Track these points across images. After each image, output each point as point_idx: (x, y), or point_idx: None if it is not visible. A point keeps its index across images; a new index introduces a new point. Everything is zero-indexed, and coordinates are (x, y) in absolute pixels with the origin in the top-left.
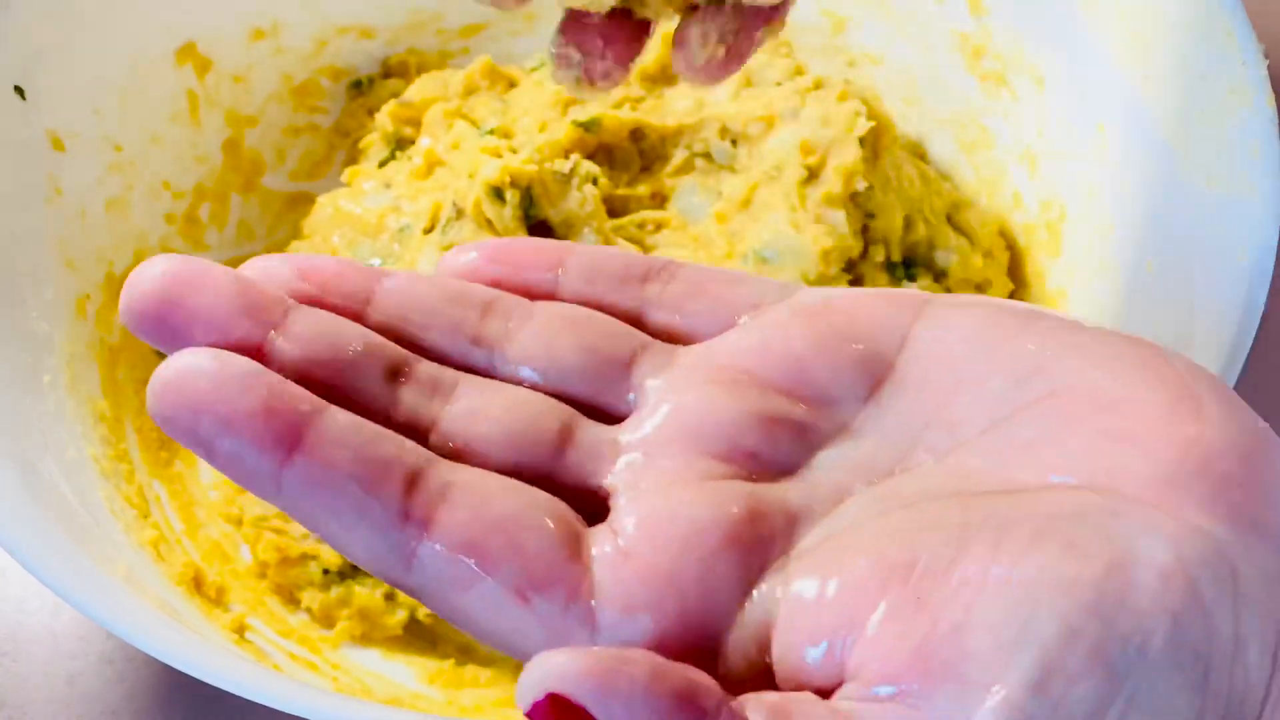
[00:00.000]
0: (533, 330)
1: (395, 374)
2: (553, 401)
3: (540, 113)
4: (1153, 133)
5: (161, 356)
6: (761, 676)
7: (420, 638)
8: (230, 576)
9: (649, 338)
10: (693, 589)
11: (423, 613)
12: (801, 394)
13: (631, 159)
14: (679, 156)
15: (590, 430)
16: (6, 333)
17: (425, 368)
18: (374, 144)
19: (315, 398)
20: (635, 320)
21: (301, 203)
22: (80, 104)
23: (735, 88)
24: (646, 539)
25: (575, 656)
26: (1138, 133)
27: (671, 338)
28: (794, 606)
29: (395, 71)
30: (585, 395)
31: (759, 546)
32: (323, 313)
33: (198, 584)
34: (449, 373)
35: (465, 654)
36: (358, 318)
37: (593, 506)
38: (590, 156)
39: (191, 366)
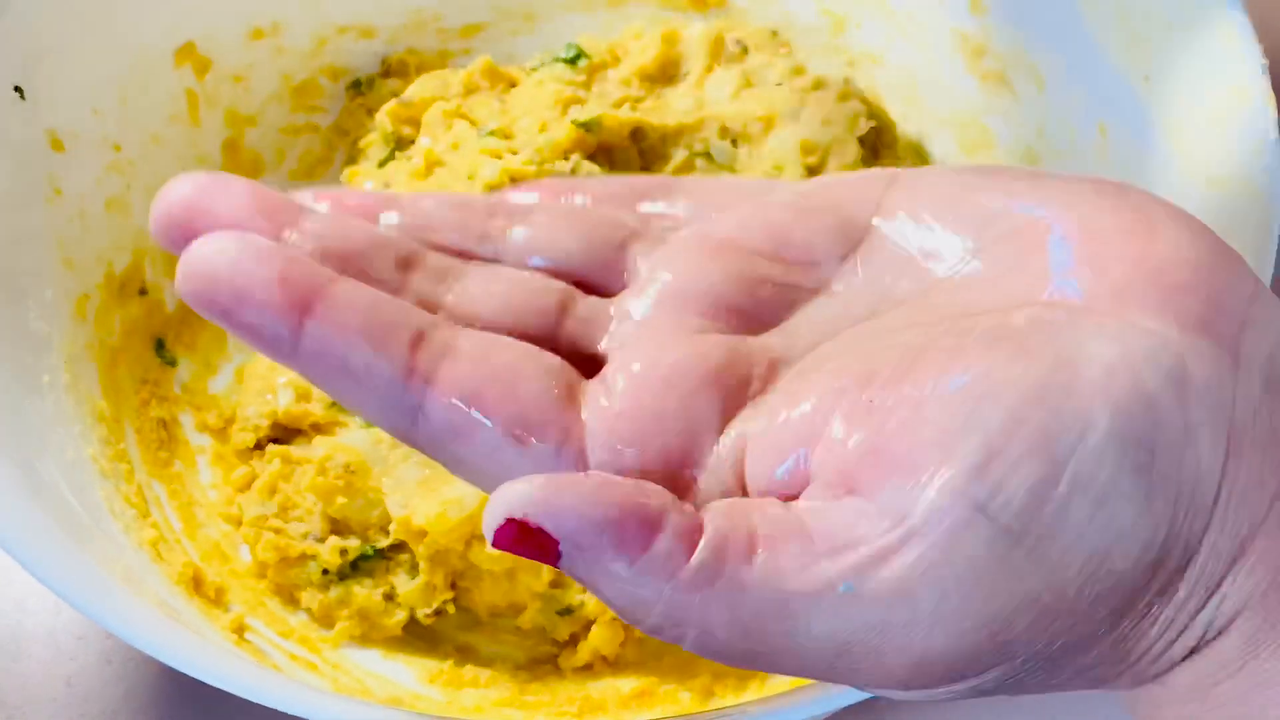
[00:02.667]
0: (534, 223)
1: (406, 264)
2: (553, 281)
3: (540, 113)
4: (1153, 133)
5: (162, 360)
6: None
7: (420, 638)
8: (229, 576)
9: (643, 226)
10: (672, 424)
11: (422, 613)
12: (783, 257)
13: (631, 159)
14: (679, 156)
15: (587, 303)
16: (5, 333)
17: (435, 258)
18: (373, 144)
19: (329, 270)
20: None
21: None
22: (80, 104)
23: (735, 87)
24: (633, 384)
25: (529, 482)
26: (1138, 133)
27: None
28: (763, 431)
29: (395, 71)
30: (584, 275)
31: (737, 386)
32: (336, 214)
33: (197, 584)
34: (457, 262)
35: (465, 654)
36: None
37: (591, 369)
38: (590, 157)
39: (213, 245)
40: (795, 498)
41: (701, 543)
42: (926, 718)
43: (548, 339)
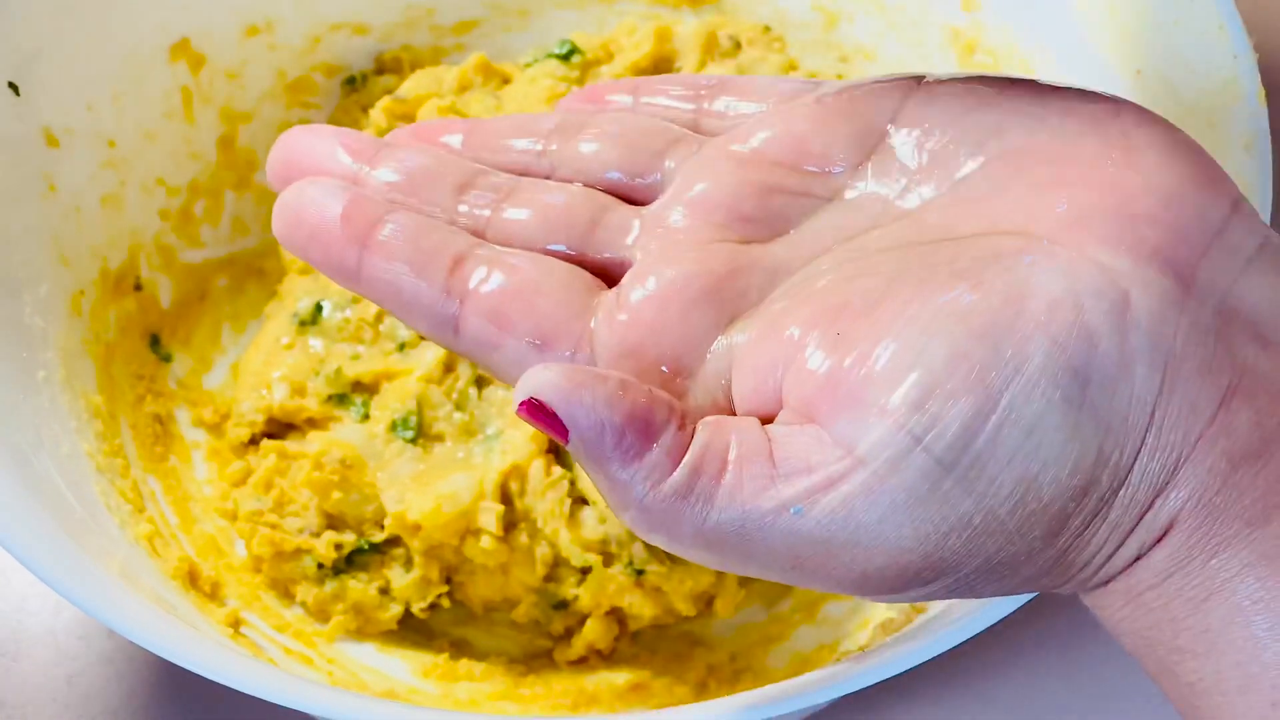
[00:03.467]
0: (586, 138)
1: (463, 187)
2: (591, 192)
3: (533, 109)
4: None
5: (157, 355)
6: (725, 414)
7: (415, 632)
8: (225, 571)
9: (685, 131)
10: (668, 336)
11: (417, 607)
12: (799, 166)
13: None
14: None
15: (618, 213)
16: (1, 328)
17: (491, 179)
18: None
19: (386, 203)
20: (692, 126)
21: None
22: (74, 100)
23: None
24: (638, 295)
25: (556, 371)
26: None
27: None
28: (749, 350)
29: (389, 68)
30: (624, 185)
31: (733, 299)
32: (410, 146)
33: (193, 578)
34: (509, 180)
35: (460, 648)
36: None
37: (619, 276)
38: None
39: (294, 191)
40: (771, 416)
41: (683, 460)
42: (929, 714)
43: (578, 250)
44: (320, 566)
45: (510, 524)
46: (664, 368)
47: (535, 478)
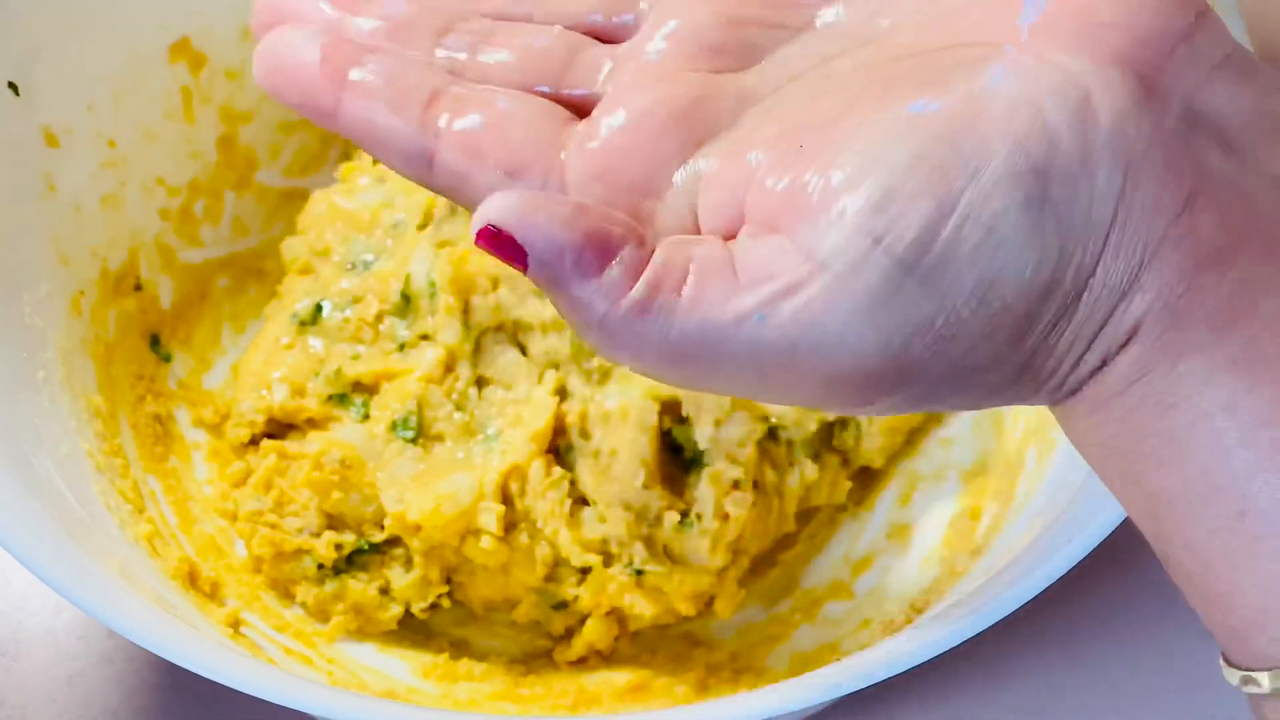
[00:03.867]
0: None
1: (444, 30)
2: (567, 33)
3: None
4: None
5: (157, 355)
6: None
7: (415, 632)
8: (225, 571)
9: None
10: (636, 159)
11: (417, 608)
12: (772, 1)
13: None
14: None
15: (592, 50)
16: (1, 329)
17: (471, 24)
18: None
19: (365, 46)
20: None
21: (296, 198)
22: (74, 100)
23: None
24: (608, 123)
25: (512, 196)
26: None
27: None
28: (715, 171)
29: None
30: (600, 26)
31: (702, 124)
32: None
33: (192, 579)
34: (489, 23)
35: (460, 648)
36: None
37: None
38: None
39: (273, 37)
40: (737, 235)
41: (643, 275)
42: (929, 714)
43: (554, 89)
44: (320, 566)
45: (510, 524)
46: (631, 193)
47: (535, 478)
